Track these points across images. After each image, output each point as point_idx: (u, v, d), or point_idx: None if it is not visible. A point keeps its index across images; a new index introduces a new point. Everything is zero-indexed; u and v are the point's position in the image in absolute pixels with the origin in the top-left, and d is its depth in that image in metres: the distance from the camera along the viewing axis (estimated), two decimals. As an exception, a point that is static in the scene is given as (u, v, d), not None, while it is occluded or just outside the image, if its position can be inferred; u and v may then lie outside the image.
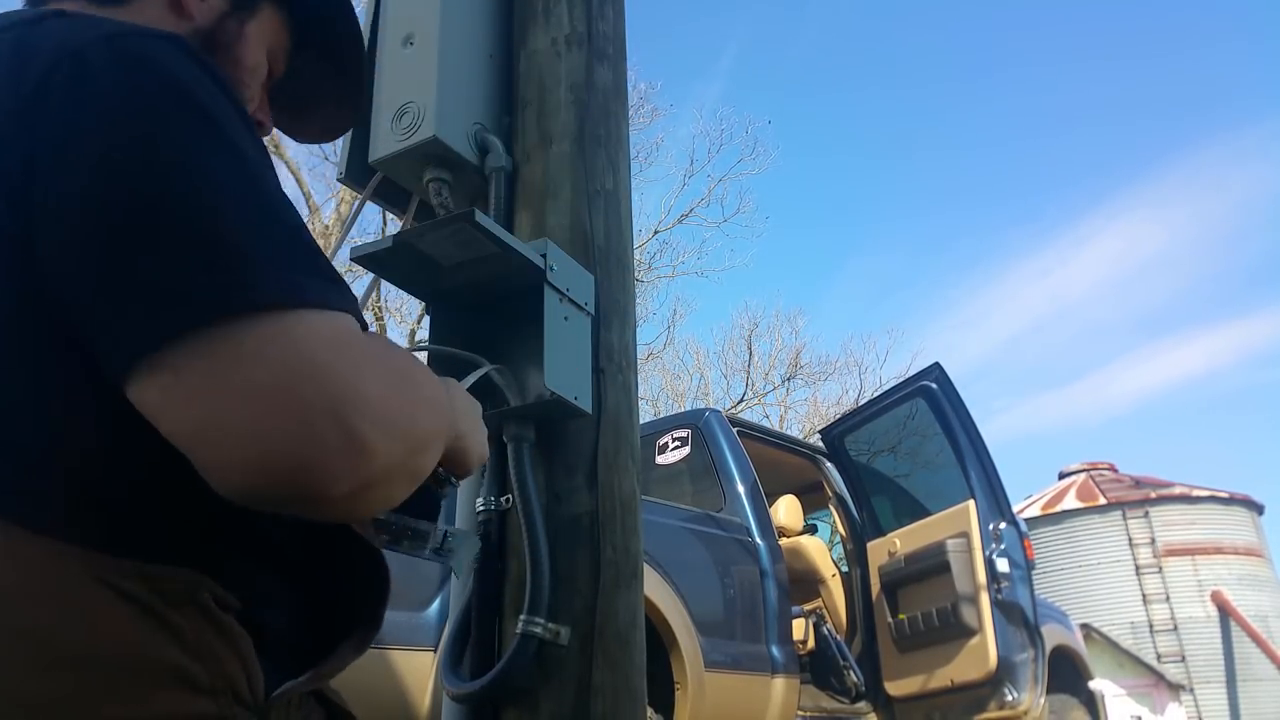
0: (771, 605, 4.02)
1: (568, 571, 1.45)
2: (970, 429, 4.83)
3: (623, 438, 1.57)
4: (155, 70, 0.62)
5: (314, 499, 0.57)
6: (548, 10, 1.77)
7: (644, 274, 16.22)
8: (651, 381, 19.34)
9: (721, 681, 3.58)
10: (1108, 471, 13.62)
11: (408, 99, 1.61)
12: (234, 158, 0.61)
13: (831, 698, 4.47)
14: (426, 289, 1.57)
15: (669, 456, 4.60)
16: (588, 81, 1.73)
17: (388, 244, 1.44)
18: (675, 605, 3.46)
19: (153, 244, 0.56)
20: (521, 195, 1.68)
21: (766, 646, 3.92)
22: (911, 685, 4.55)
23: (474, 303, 1.58)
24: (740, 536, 4.12)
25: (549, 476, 1.52)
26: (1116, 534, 12.49)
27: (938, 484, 4.90)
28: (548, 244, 1.50)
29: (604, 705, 1.40)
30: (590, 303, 1.56)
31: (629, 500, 1.55)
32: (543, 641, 1.39)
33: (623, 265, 1.68)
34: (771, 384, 19.93)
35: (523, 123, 1.73)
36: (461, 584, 0.89)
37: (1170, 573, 12.19)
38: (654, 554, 3.40)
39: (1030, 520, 11.90)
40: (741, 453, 4.46)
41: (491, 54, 1.77)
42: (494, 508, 1.52)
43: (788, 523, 5.13)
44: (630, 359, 1.65)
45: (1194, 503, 12.55)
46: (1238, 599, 11.91)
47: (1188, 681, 11.65)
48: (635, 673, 1.47)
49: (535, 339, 1.46)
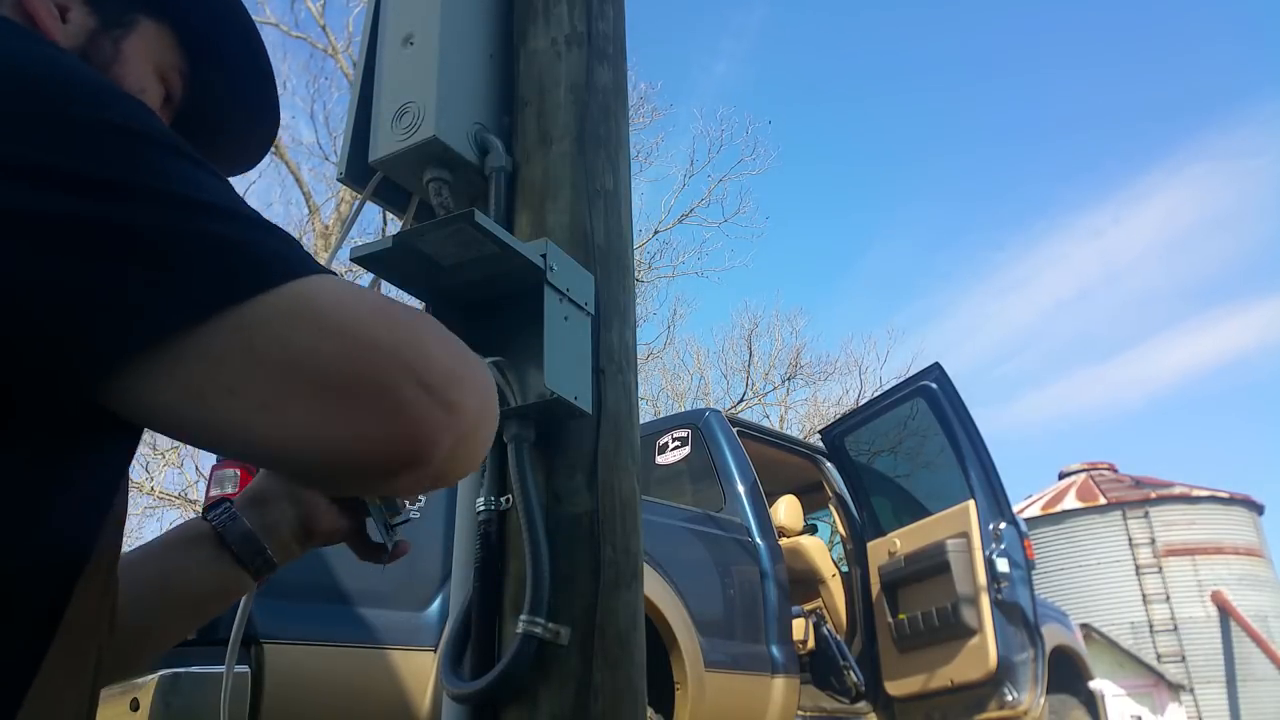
0: (771, 605, 4.02)
1: (568, 571, 1.45)
2: (970, 429, 4.83)
3: (623, 438, 1.57)
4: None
5: (416, 468, 0.54)
6: (548, 10, 1.77)
7: (644, 274, 16.22)
8: (651, 381, 19.35)
9: (721, 681, 3.58)
10: (1108, 471, 13.62)
11: (408, 99, 1.61)
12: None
13: (831, 698, 4.47)
14: (426, 289, 1.57)
15: (669, 456, 4.61)
16: (588, 81, 1.73)
17: (388, 244, 1.44)
18: (675, 605, 3.47)
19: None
20: (521, 195, 1.68)
21: (766, 646, 3.92)
22: (911, 685, 4.55)
23: (474, 303, 1.59)
24: (740, 536, 4.12)
25: (549, 476, 1.52)
26: (1116, 534, 12.49)
27: (938, 484, 4.91)
28: (548, 244, 1.50)
29: (604, 705, 1.40)
30: (590, 303, 1.56)
31: (629, 500, 1.55)
32: (543, 641, 1.39)
33: (623, 265, 1.68)
34: (771, 384, 19.94)
35: (523, 123, 1.73)
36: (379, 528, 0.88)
37: (1170, 573, 12.19)
38: (654, 554, 3.40)
39: (1030, 520, 11.90)
40: (741, 453, 4.47)
41: (491, 54, 1.77)
42: (494, 508, 1.52)
43: (788, 523, 5.14)
44: (630, 359, 1.65)
45: (1194, 503, 12.55)
46: (1238, 599, 11.91)
47: (1188, 681, 11.65)
48: (635, 673, 1.47)
49: (535, 339, 1.46)
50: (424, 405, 0.53)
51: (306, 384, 0.51)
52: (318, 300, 0.53)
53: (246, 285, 0.51)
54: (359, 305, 0.55)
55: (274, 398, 0.51)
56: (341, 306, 0.54)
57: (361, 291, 0.57)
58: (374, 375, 0.52)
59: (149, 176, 0.52)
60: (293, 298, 0.52)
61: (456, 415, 0.55)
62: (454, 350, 0.58)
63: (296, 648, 2.45)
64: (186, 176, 0.53)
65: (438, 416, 0.54)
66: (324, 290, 0.54)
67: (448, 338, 0.59)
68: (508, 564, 1.50)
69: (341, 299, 0.54)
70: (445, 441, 0.54)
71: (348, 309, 0.54)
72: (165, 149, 0.54)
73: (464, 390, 0.56)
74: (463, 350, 0.59)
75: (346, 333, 0.53)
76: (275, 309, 0.52)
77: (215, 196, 0.54)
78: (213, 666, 2.32)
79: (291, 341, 0.51)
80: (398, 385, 0.53)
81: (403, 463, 0.54)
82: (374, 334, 0.53)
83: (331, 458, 0.53)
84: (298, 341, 0.51)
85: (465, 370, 0.57)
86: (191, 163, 0.55)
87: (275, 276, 0.52)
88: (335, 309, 0.53)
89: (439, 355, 0.56)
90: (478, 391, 0.57)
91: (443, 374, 0.55)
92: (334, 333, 0.52)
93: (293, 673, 2.41)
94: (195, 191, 0.53)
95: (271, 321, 0.51)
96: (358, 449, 0.52)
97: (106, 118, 0.52)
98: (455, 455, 0.56)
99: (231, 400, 0.50)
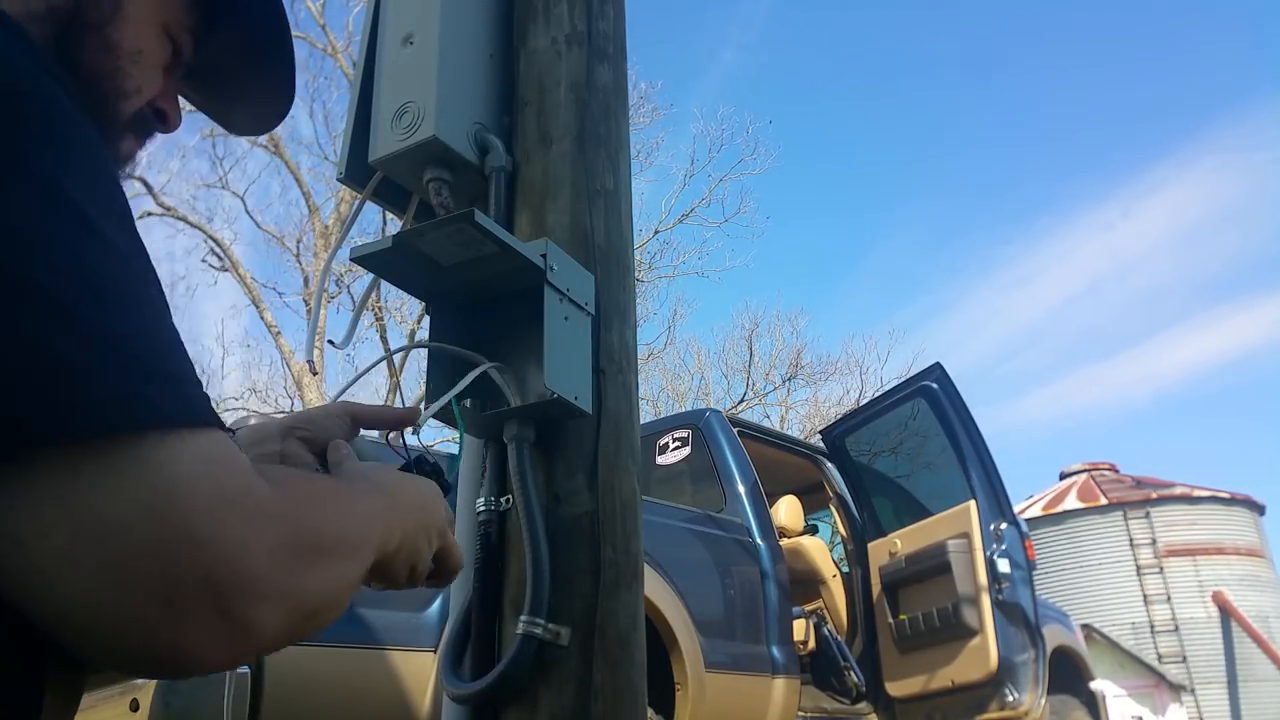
0: (772, 606, 4.01)
1: (568, 572, 1.45)
2: (971, 429, 4.83)
3: (623, 438, 1.57)
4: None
5: (177, 671, 0.48)
6: (548, 9, 1.77)
7: (644, 274, 16.21)
8: (652, 381, 19.35)
9: (722, 682, 3.58)
10: (1109, 472, 13.63)
11: (408, 98, 1.60)
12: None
13: (832, 698, 4.47)
14: (426, 289, 1.57)
15: (669, 456, 4.60)
16: (588, 81, 1.73)
17: (388, 244, 1.43)
18: (675, 605, 3.46)
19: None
20: (521, 195, 1.68)
21: (767, 647, 3.92)
22: (912, 686, 4.55)
23: (474, 302, 1.58)
24: (741, 537, 4.12)
25: (549, 476, 1.52)
26: (1118, 534, 12.49)
27: (938, 484, 4.91)
28: (548, 244, 1.50)
29: (604, 706, 1.40)
30: (590, 303, 1.56)
31: (629, 500, 1.55)
32: (543, 642, 1.39)
33: (623, 265, 1.68)
34: (772, 384, 19.93)
35: (523, 122, 1.73)
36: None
37: (1171, 573, 12.19)
38: (654, 554, 3.40)
39: (1031, 520, 11.89)
40: (742, 453, 4.46)
41: (492, 53, 1.77)
42: (494, 508, 1.52)
43: (788, 523, 5.13)
44: (630, 359, 1.65)
45: (1195, 503, 12.55)
46: (1239, 599, 11.91)
47: (1189, 682, 11.65)
48: (635, 673, 1.47)
49: (535, 339, 1.46)
50: (206, 626, 0.46)
51: (95, 557, 0.44)
52: (158, 471, 0.45)
53: (82, 428, 0.44)
54: (201, 487, 0.46)
55: (62, 561, 0.44)
56: (178, 485, 0.45)
57: (222, 464, 0.48)
58: (171, 578, 0.45)
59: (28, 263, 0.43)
60: (129, 457, 0.44)
61: (247, 637, 0.48)
62: (301, 554, 0.51)
63: (296, 648, 2.44)
64: (75, 268, 0.45)
65: (217, 639, 0.47)
66: (171, 458, 0.46)
67: (317, 529, 0.52)
68: (508, 564, 1.50)
69: (185, 475, 0.46)
70: (215, 661, 0.48)
71: (185, 490, 0.46)
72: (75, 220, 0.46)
73: (273, 609, 0.49)
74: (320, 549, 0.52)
75: (172, 511, 0.45)
76: (101, 464, 0.44)
77: (94, 302, 0.45)
78: (213, 667, 2.32)
79: (105, 506, 0.44)
80: (185, 591, 0.45)
81: (161, 668, 0.48)
82: (198, 529, 0.45)
83: (92, 642, 0.47)
84: (111, 509, 0.44)
85: (293, 585, 0.50)
86: (97, 237, 0.47)
87: (121, 424, 0.44)
88: (169, 487, 0.45)
89: (264, 568, 0.48)
90: (296, 608, 0.50)
91: (255, 591, 0.47)
92: (157, 508, 0.45)
93: (293, 673, 2.41)
94: (78, 288, 0.44)
95: (93, 479, 0.44)
96: (117, 640, 0.46)
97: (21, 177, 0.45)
98: (237, 662, 0.50)
99: (18, 549, 0.44)
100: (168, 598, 0.45)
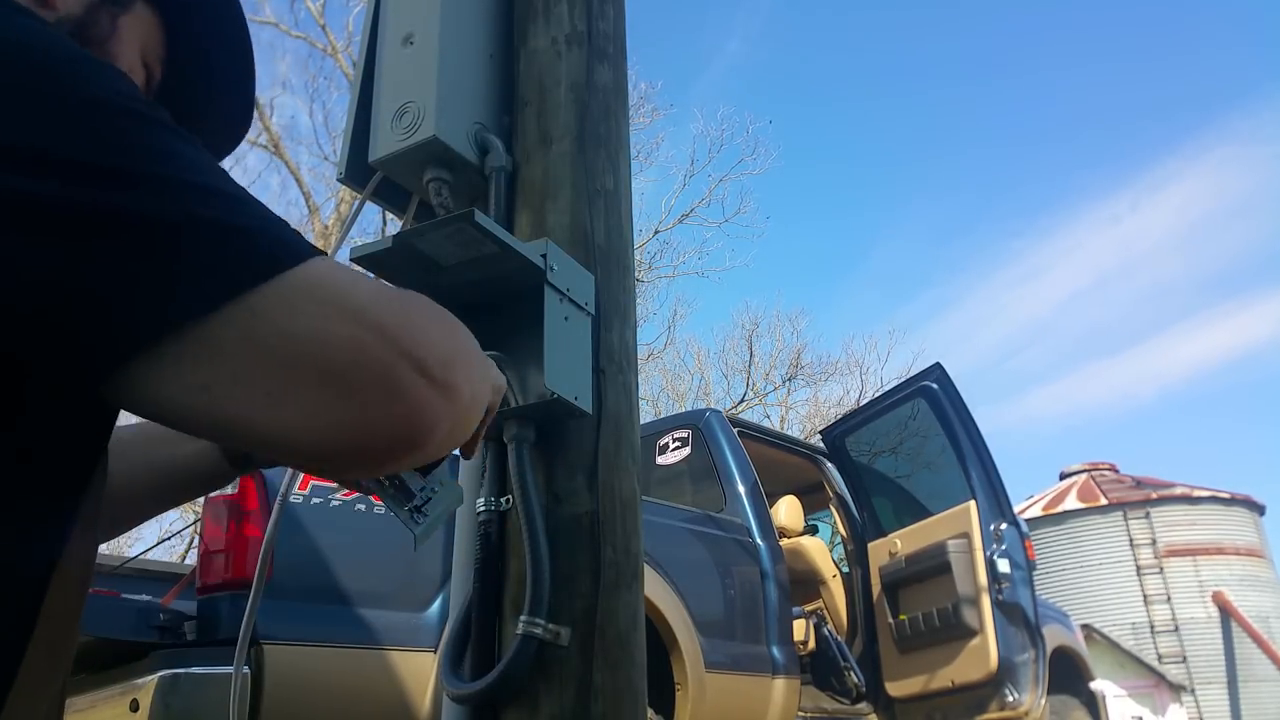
0: (772, 606, 4.01)
1: (568, 572, 1.45)
2: (971, 429, 4.83)
3: (623, 438, 1.57)
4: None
5: (414, 450, 0.55)
6: (548, 9, 1.77)
7: (644, 274, 16.22)
8: (652, 381, 19.36)
9: (722, 682, 3.58)
10: (1109, 472, 13.62)
11: (408, 98, 1.60)
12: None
13: (832, 698, 4.47)
14: (426, 289, 1.56)
15: (669, 457, 4.60)
16: (588, 81, 1.73)
17: (388, 244, 1.43)
18: (676, 606, 3.46)
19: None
20: (521, 195, 1.68)
21: (767, 647, 3.92)
22: (912, 686, 4.55)
23: (474, 303, 1.58)
24: (741, 537, 4.12)
25: (549, 477, 1.52)
26: (1118, 534, 12.49)
27: (939, 484, 4.91)
28: (548, 244, 1.49)
29: (604, 706, 1.40)
30: (590, 303, 1.56)
31: (629, 500, 1.55)
32: (543, 642, 1.39)
33: (623, 265, 1.68)
34: (772, 384, 19.94)
35: (523, 122, 1.73)
36: (423, 532, 0.86)
37: (1171, 573, 12.19)
38: (654, 554, 3.40)
39: (1031, 521, 11.90)
40: (742, 453, 4.46)
41: (491, 53, 1.77)
42: (494, 508, 1.52)
43: (788, 523, 5.13)
44: (631, 359, 1.64)
45: (1195, 503, 12.55)
46: (1239, 599, 11.91)
47: (1189, 682, 11.65)
48: (636, 673, 1.47)
49: (535, 339, 1.46)
50: (422, 391, 0.53)
51: (310, 373, 0.51)
52: (320, 286, 0.53)
53: (252, 274, 0.51)
54: (358, 289, 0.54)
55: (278, 387, 0.50)
56: (343, 291, 0.53)
57: (356, 275, 0.56)
58: (375, 361, 0.52)
59: (149, 161, 0.50)
60: (296, 284, 0.52)
61: (452, 399, 0.55)
62: (449, 330, 0.58)
63: (296, 648, 2.45)
64: (186, 160, 0.52)
65: (436, 402, 0.54)
66: (325, 275, 0.54)
67: (443, 317, 0.59)
68: (508, 564, 1.50)
69: (341, 283, 0.54)
70: (443, 426, 0.55)
71: (349, 293, 0.53)
72: (160, 129, 0.53)
73: (459, 373, 0.56)
74: (454, 328, 0.60)
75: (349, 318, 0.52)
76: (280, 297, 0.51)
77: (213, 180, 0.53)
78: (212, 667, 2.32)
79: (297, 330, 0.51)
80: (398, 371, 0.53)
81: (401, 448, 0.55)
82: (376, 318, 0.53)
83: (333, 445, 0.53)
84: (303, 329, 0.51)
85: (459, 352, 0.57)
86: (187, 143, 0.53)
87: (280, 263, 0.52)
88: (337, 294, 0.53)
89: (436, 338, 0.56)
90: (471, 372, 0.58)
91: (440, 358, 0.55)
92: (337, 319, 0.52)
93: (293, 673, 2.41)
94: (195, 175, 0.52)
95: (278, 309, 0.51)
96: (358, 435, 0.52)
97: (102, 97, 0.51)
98: (451, 435, 0.57)
99: (236, 390, 0.50)
100: (386, 381, 0.52)
